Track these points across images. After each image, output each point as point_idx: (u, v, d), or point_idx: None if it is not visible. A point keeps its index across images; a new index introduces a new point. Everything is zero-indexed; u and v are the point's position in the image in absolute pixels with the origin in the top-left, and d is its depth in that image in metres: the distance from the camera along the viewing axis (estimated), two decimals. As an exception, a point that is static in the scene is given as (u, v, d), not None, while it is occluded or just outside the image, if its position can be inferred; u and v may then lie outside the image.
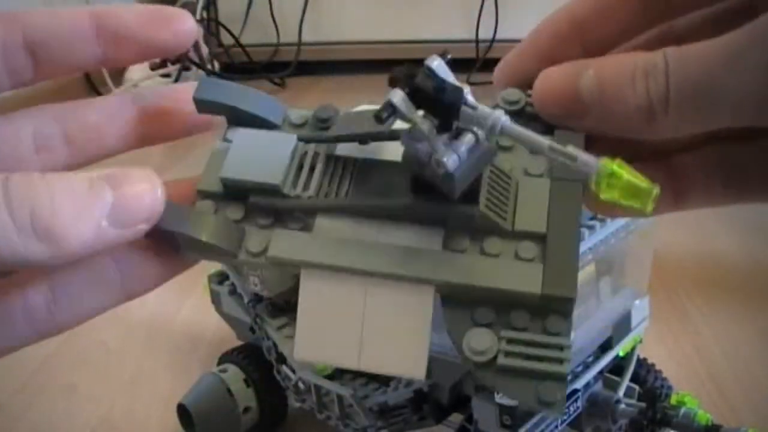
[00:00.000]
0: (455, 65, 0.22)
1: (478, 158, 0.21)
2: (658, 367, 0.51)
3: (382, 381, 0.46)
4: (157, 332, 0.73)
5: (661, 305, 0.70)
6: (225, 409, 0.54)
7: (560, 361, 0.20)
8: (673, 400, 0.47)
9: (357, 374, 0.49)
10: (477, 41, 1.62)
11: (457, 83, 0.21)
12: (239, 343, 0.59)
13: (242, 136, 0.25)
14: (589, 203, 0.23)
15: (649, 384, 0.49)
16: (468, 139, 0.21)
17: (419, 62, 0.21)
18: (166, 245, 0.24)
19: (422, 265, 0.22)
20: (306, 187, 0.24)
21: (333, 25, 1.73)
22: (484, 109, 0.21)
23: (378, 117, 0.21)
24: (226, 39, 1.78)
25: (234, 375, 0.55)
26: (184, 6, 1.77)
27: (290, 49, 1.73)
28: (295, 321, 0.58)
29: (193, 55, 1.63)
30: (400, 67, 0.21)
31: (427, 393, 0.42)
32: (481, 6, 1.61)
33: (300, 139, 0.25)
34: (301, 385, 0.50)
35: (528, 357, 0.20)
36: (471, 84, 0.22)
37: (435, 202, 0.22)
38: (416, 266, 0.22)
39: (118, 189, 0.21)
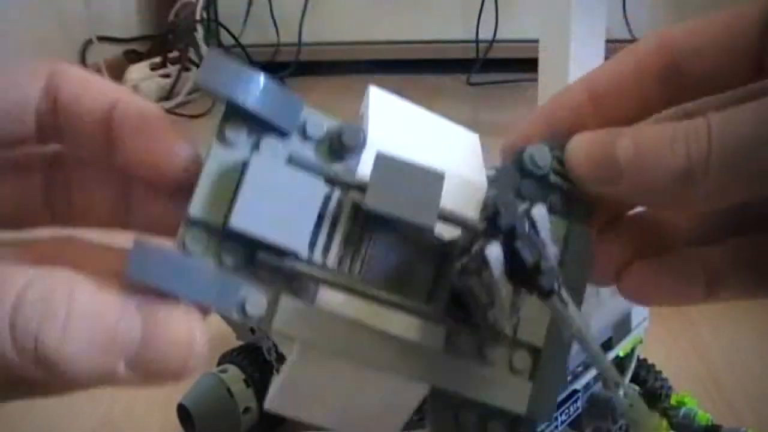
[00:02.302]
0: (455, 66, 0.21)
1: None
2: (658, 367, 0.51)
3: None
4: (157, 332, 0.73)
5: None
6: (225, 410, 0.54)
7: None
8: (673, 400, 0.47)
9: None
10: (477, 41, 1.62)
11: (550, 242, 0.20)
12: (239, 343, 0.59)
13: (259, 170, 0.20)
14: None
15: (649, 384, 0.49)
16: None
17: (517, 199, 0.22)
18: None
19: (421, 366, 0.22)
20: (326, 252, 0.21)
21: (333, 25, 1.73)
22: (571, 308, 0.20)
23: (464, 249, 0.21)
24: (226, 39, 1.78)
25: (234, 375, 0.55)
26: (184, 6, 1.77)
27: (290, 50, 1.73)
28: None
29: (193, 55, 1.63)
30: (501, 205, 0.20)
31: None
32: (481, 6, 1.61)
33: (325, 177, 0.21)
34: (301, 385, 0.50)
35: None
36: (471, 84, 0.22)
37: (465, 316, 0.22)
38: (415, 366, 0.22)
39: (152, 328, 0.18)
